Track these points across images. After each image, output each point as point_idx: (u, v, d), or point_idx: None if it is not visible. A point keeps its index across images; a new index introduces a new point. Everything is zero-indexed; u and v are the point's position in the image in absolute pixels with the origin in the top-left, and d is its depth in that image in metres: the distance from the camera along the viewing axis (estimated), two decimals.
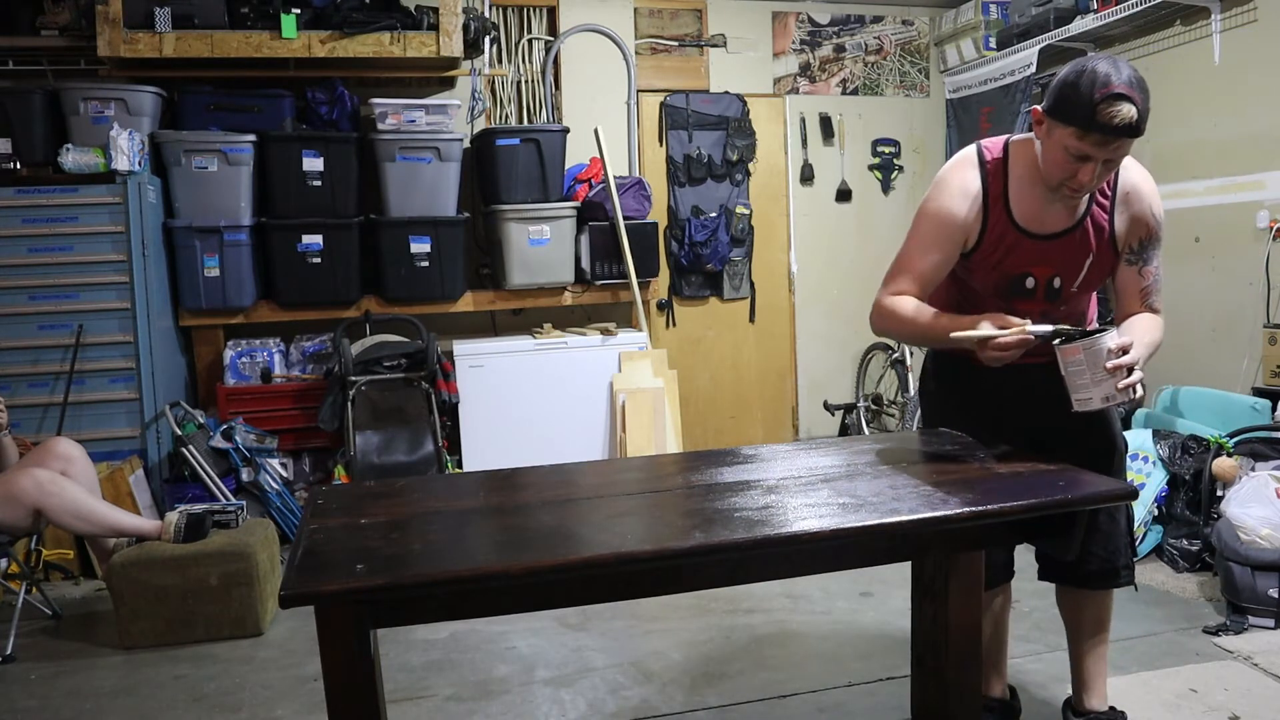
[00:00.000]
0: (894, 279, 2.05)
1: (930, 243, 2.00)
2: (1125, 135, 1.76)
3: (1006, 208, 1.97)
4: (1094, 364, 1.74)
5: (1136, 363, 1.76)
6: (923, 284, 2.01)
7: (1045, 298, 2.02)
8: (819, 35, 5.60)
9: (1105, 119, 1.74)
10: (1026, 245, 1.98)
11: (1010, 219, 1.97)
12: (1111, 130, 1.75)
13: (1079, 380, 1.77)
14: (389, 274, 4.45)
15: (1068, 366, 1.79)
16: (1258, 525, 2.97)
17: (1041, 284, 2.01)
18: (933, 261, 2.00)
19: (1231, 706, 2.42)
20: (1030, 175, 1.96)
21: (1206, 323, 4.33)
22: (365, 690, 1.46)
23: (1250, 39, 4.08)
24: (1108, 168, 1.84)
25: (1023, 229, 1.97)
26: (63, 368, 3.82)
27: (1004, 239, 1.98)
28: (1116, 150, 1.79)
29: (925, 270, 2.01)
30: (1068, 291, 2.02)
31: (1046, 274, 2.00)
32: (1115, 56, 1.84)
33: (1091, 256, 1.99)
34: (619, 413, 4.51)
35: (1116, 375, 1.74)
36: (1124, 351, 1.75)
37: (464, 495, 1.83)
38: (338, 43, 4.20)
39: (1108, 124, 1.74)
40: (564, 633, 3.07)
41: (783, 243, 5.62)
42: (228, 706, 2.63)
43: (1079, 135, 1.78)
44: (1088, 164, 1.81)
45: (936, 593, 1.92)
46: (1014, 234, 1.97)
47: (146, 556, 3.02)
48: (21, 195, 3.82)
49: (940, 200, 1.99)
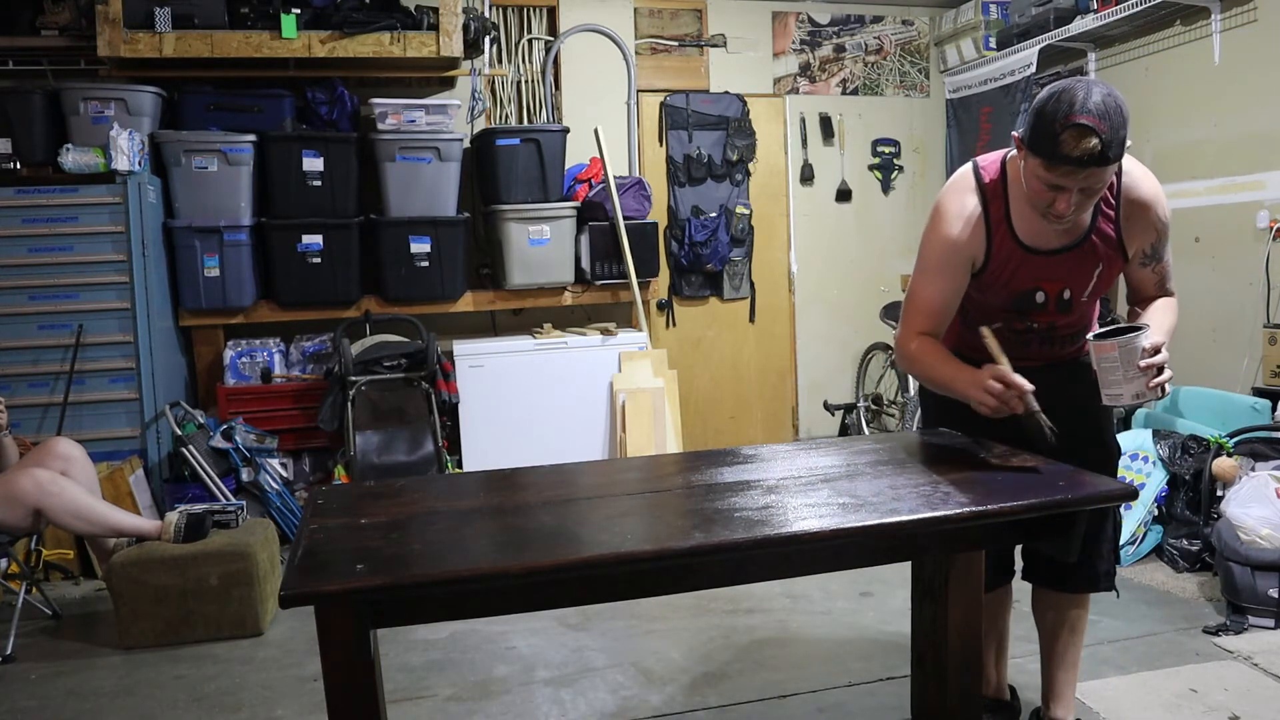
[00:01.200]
0: (909, 318, 2.03)
1: (937, 272, 1.98)
2: (1092, 165, 1.71)
3: (1010, 228, 1.95)
4: (1128, 362, 1.76)
5: (1167, 361, 1.77)
6: (938, 316, 1.99)
7: (1057, 310, 2.01)
8: (819, 35, 5.60)
9: (1067, 150, 1.70)
10: (1034, 262, 1.96)
11: (1015, 239, 1.95)
12: (1076, 162, 1.71)
13: (1111, 376, 1.79)
14: (389, 274, 4.45)
15: (1101, 362, 1.80)
16: (1258, 525, 2.97)
17: (1052, 297, 1.99)
18: (943, 290, 1.98)
19: (1231, 706, 2.41)
20: None
21: (1206, 323, 4.33)
22: (365, 690, 1.46)
23: (1250, 39, 4.08)
24: (1085, 195, 1.79)
25: (1029, 247, 1.95)
26: (63, 368, 3.82)
27: (1011, 259, 1.96)
28: (1089, 180, 1.74)
29: (937, 301, 1.99)
30: (1078, 301, 2.01)
31: (1057, 288, 1.99)
32: (1094, 80, 1.79)
33: (1100, 266, 1.97)
34: (619, 413, 4.51)
35: (1148, 374, 1.75)
36: (1156, 351, 1.75)
37: (464, 495, 1.83)
38: (338, 43, 4.21)
39: (1070, 155, 1.70)
40: (564, 633, 3.07)
41: (783, 243, 5.62)
42: (228, 706, 2.63)
43: (1047, 167, 1.75)
44: (1063, 193, 1.77)
45: (936, 593, 1.92)
46: (1020, 253, 1.95)
47: (146, 556, 3.02)
48: (21, 195, 3.83)
49: (941, 229, 1.97)
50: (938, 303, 1.99)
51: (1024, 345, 2.07)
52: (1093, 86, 1.73)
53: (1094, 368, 1.82)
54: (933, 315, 2.00)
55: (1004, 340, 2.08)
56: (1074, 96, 1.71)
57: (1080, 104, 1.70)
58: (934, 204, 2.03)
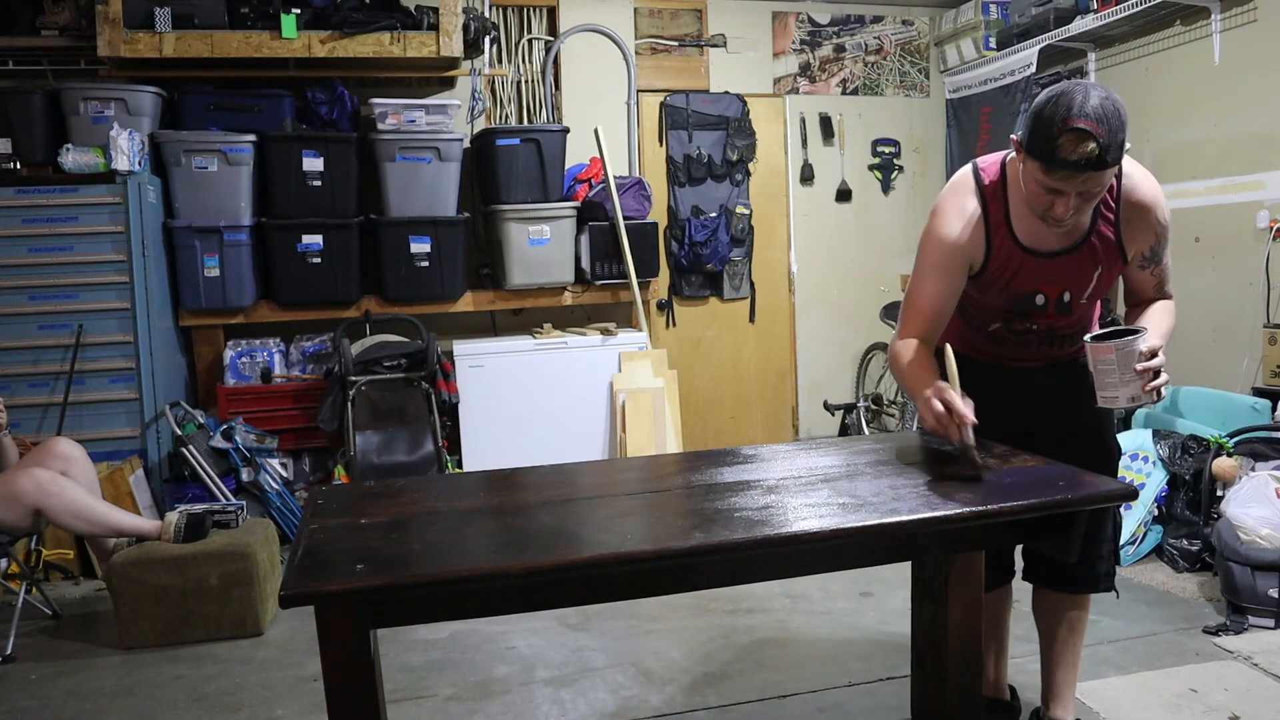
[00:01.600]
0: (904, 318, 2.02)
1: (935, 272, 1.97)
2: (1089, 169, 1.71)
3: (1010, 230, 1.95)
4: (1124, 364, 1.75)
5: (1164, 365, 1.76)
6: (935, 316, 1.98)
7: (1056, 311, 2.01)
8: (819, 35, 5.60)
9: (1064, 154, 1.70)
10: (1034, 264, 1.95)
11: (1015, 240, 1.95)
12: (1073, 166, 1.70)
13: (1108, 379, 1.78)
14: (389, 274, 4.45)
15: (1097, 364, 1.79)
16: (1258, 525, 2.97)
17: (1052, 300, 1.99)
18: (940, 290, 1.97)
19: (1231, 706, 2.41)
20: None
21: (1206, 323, 4.33)
22: (365, 690, 1.46)
23: (1250, 39, 4.08)
24: (1084, 199, 1.78)
25: (1028, 249, 1.94)
26: (63, 368, 3.82)
27: (1010, 261, 1.96)
28: (1087, 183, 1.74)
29: (934, 301, 1.98)
30: (1077, 303, 2.01)
31: (1056, 290, 1.98)
32: (1092, 83, 1.78)
33: (1100, 269, 1.97)
34: (619, 413, 4.51)
35: (1144, 377, 1.74)
36: (1153, 354, 1.75)
37: (464, 495, 1.83)
38: (338, 43, 4.21)
39: (1067, 159, 1.70)
40: (564, 633, 3.07)
41: (783, 243, 5.62)
42: (228, 706, 2.63)
43: (1044, 170, 1.75)
44: (1061, 197, 1.77)
45: (936, 593, 1.92)
46: (1020, 255, 1.95)
47: (146, 556, 3.02)
48: (21, 195, 3.83)
49: (940, 230, 1.96)
50: (934, 303, 1.98)
51: (1024, 346, 2.07)
52: (1090, 90, 1.72)
53: (1090, 369, 1.81)
54: (929, 316, 1.99)
55: (1004, 341, 2.08)
56: (1071, 100, 1.70)
57: (1078, 108, 1.69)
58: (934, 205, 2.02)
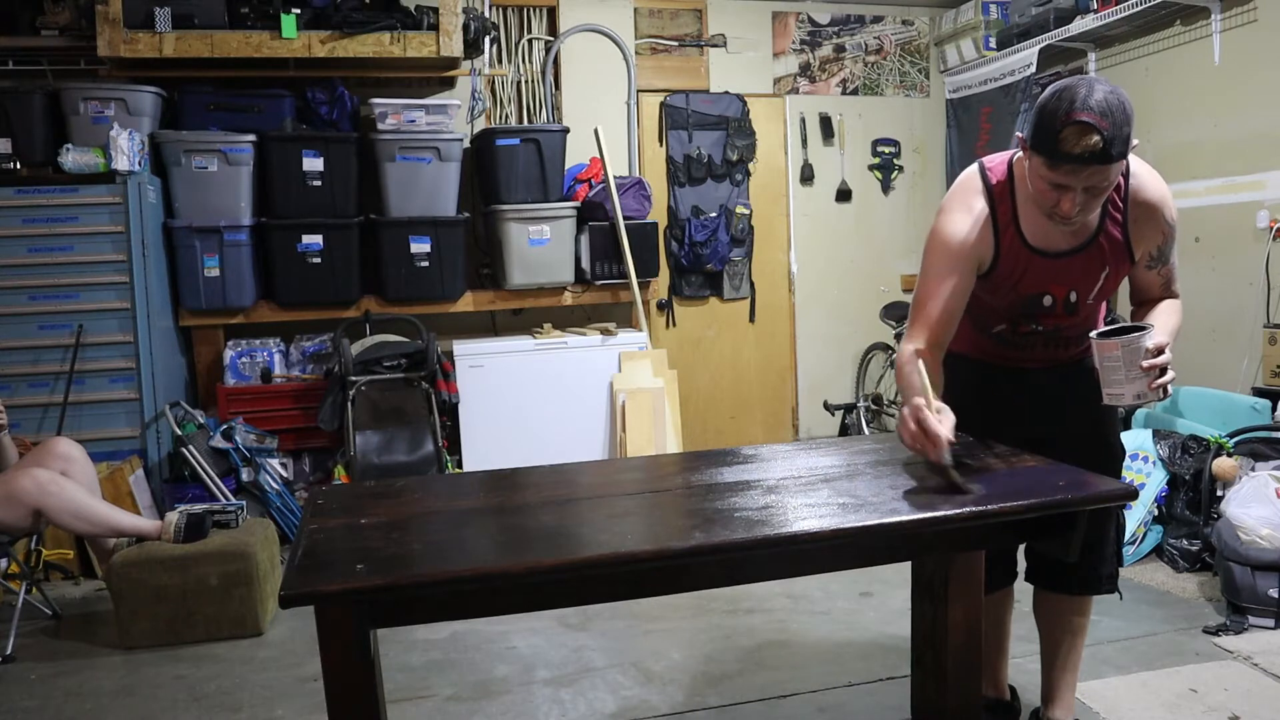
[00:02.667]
0: (913, 320, 1.97)
1: (944, 272, 1.93)
2: (1095, 163, 1.68)
3: (1018, 230, 1.93)
4: (1130, 362, 1.74)
5: (1170, 363, 1.75)
6: (944, 318, 1.93)
7: (1063, 312, 1.99)
8: (819, 35, 5.60)
9: (1069, 148, 1.68)
10: (1042, 265, 1.94)
11: (1023, 240, 1.93)
12: (1077, 160, 1.69)
13: (1113, 376, 1.77)
14: (389, 274, 4.45)
15: (1103, 361, 1.78)
16: (1258, 525, 2.97)
17: (1059, 300, 1.98)
18: (948, 290, 1.92)
19: (1231, 706, 2.41)
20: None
21: (1206, 323, 4.33)
22: (365, 690, 1.46)
23: (1250, 39, 4.08)
24: (1091, 195, 1.76)
25: (1036, 249, 1.93)
26: (63, 368, 3.82)
27: (1019, 261, 1.94)
28: (1092, 178, 1.71)
29: (943, 303, 1.92)
30: (1083, 304, 2.00)
31: (1064, 291, 1.97)
32: (1097, 77, 1.77)
33: (1107, 269, 1.95)
34: (619, 413, 4.51)
35: (1150, 374, 1.73)
36: (1160, 352, 1.73)
37: (464, 495, 1.83)
38: (338, 43, 4.21)
39: (1071, 153, 1.68)
40: (564, 633, 3.07)
41: (783, 243, 5.62)
42: (228, 706, 2.63)
43: (1050, 165, 1.73)
44: (1067, 193, 1.75)
45: (936, 593, 1.92)
46: (1028, 255, 1.93)
47: (146, 556, 3.02)
48: (21, 195, 3.83)
49: (948, 228, 1.93)
50: (943, 305, 1.94)
51: (1029, 348, 2.07)
52: (1095, 84, 1.72)
53: (1096, 366, 1.80)
54: (938, 318, 1.95)
55: (1009, 343, 2.07)
56: (1075, 94, 1.70)
57: (1082, 101, 1.68)
58: (940, 205, 2.00)
